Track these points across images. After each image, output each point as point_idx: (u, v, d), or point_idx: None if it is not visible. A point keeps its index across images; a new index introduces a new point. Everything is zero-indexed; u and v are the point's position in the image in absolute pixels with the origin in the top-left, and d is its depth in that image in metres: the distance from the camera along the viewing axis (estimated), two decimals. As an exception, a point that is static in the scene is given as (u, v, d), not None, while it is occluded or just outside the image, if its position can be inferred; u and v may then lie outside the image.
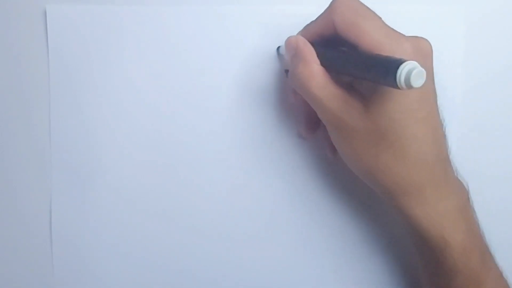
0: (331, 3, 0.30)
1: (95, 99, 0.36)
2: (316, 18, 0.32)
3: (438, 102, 0.30)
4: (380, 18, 0.30)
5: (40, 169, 0.37)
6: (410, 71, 0.24)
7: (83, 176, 0.37)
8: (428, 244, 0.31)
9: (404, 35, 0.29)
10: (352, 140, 0.30)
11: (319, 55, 0.31)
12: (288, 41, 0.32)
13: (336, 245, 0.37)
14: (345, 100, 0.30)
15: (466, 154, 0.37)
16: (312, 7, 0.32)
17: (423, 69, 0.24)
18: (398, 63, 0.25)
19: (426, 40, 0.30)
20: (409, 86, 0.24)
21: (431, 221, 0.30)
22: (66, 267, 0.37)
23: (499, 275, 0.33)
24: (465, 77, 0.37)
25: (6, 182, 0.37)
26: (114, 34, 0.36)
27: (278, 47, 0.35)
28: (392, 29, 0.29)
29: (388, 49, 0.28)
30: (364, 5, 0.30)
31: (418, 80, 0.24)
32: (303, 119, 0.35)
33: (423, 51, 0.29)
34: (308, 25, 0.33)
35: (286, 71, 0.35)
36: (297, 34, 0.33)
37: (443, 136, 0.31)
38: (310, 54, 0.31)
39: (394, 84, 0.25)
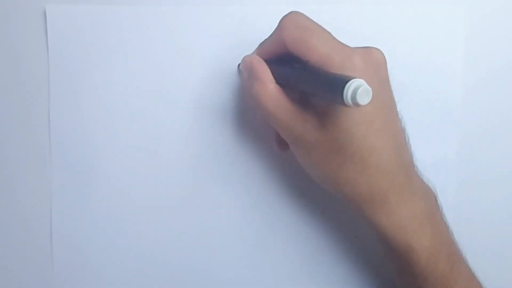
0: (280, 21, 0.30)
1: (95, 99, 0.36)
2: (269, 36, 0.32)
3: (398, 109, 0.30)
4: (329, 32, 0.29)
5: (40, 169, 0.37)
6: (356, 89, 0.24)
7: (83, 176, 0.37)
8: (396, 251, 0.31)
9: (353, 48, 0.29)
10: (312, 154, 0.30)
11: (274, 73, 0.30)
12: (244, 61, 0.32)
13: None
14: (301, 116, 0.30)
15: (466, 154, 0.37)
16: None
17: (369, 87, 0.24)
18: (344, 81, 0.24)
19: (377, 49, 0.29)
20: (356, 104, 0.24)
21: (396, 229, 0.30)
22: (66, 267, 0.37)
23: (470, 277, 0.32)
24: (465, 77, 0.37)
25: (6, 182, 0.37)
26: (114, 34, 0.36)
27: (239, 65, 0.35)
28: (341, 43, 0.29)
29: (338, 64, 0.28)
30: (312, 20, 0.30)
31: (364, 98, 0.24)
32: (275, 135, 0.34)
33: (374, 61, 0.29)
34: (262, 43, 0.33)
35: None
36: (253, 52, 0.33)
37: (404, 143, 0.31)
38: (265, 73, 0.30)
39: (342, 102, 0.25)
